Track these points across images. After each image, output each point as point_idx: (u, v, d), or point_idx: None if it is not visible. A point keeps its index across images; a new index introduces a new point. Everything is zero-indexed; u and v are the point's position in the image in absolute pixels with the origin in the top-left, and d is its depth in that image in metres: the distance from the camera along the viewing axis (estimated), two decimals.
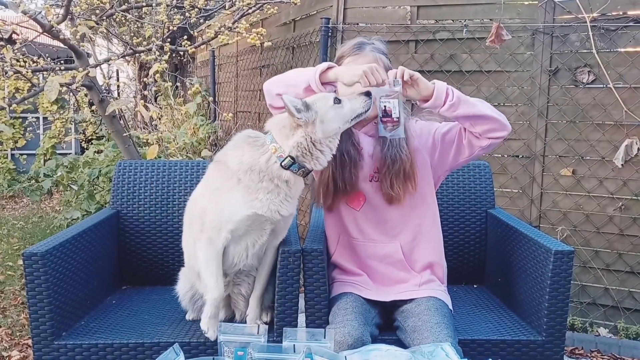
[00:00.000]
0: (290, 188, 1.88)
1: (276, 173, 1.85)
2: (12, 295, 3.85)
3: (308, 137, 1.82)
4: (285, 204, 1.88)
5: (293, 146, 1.83)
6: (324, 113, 1.83)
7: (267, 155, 1.85)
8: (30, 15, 3.36)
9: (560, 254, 1.93)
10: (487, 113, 1.93)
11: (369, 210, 2.06)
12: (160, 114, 5.79)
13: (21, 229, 5.85)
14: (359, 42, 2.05)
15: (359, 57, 2.01)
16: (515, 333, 2.02)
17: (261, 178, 1.85)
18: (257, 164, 1.85)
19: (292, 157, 1.83)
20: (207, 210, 1.91)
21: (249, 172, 1.85)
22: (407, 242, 2.05)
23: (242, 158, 1.86)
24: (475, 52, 3.55)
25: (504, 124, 1.96)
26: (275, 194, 1.86)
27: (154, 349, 1.91)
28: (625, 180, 3.25)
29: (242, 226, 1.88)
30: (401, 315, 1.97)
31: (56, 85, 2.91)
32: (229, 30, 3.99)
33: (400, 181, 2.00)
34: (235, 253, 1.94)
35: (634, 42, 3.22)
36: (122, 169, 2.55)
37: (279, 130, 1.86)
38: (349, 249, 2.09)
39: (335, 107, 1.85)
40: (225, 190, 1.88)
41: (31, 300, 1.90)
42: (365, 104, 1.87)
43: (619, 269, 3.29)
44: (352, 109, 1.87)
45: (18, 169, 8.04)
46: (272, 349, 1.43)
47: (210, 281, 1.91)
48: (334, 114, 1.85)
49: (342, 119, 1.86)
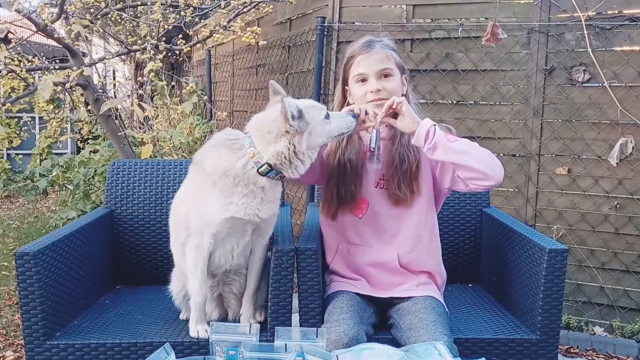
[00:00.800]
0: (265, 193, 1.85)
1: (252, 179, 1.82)
2: (7, 296, 3.84)
3: (292, 147, 1.78)
4: (263, 207, 1.86)
5: (273, 154, 1.79)
6: (314, 125, 1.81)
7: (244, 161, 1.81)
8: (24, 14, 3.34)
9: (554, 253, 1.92)
10: (469, 164, 1.85)
11: (370, 217, 2.05)
12: (156, 113, 5.78)
13: (17, 229, 5.84)
14: (369, 41, 2.03)
15: (370, 54, 1.99)
16: (509, 332, 2.01)
17: (236, 183, 1.82)
18: (233, 169, 1.81)
19: (269, 164, 1.80)
20: (191, 213, 1.90)
21: (224, 176, 1.82)
22: (404, 252, 2.04)
23: (218, 161, 1.83)
24: (471, 51, 3.55)
25: (490, 176, 1.86)
26: (251, 197, 1.84)
27: (147, 348, 1.90)
28: (620, 179, 3.25)
29: (223, 229, 1.87)
30: (397, 313, 1.97)
31: (50, 84, 2.90)
32: (224, 29, 3.98)
33: (407, 181, 2.00)
34: (221, 255, 1.94)
35: (629, 41, 3.22)
36: (116, 168, 2.54)
37: (261, 135, 1.81)
38: (347, 256, 2.08)
39: (324, 122, 1.84)
40: (203, 193, 1.87)
41: (23, 300, 1.89)
42: (349, 125, 1.88)
43: (614, 268, 3.29)
44: (338, 126, 1.87)
45: (14, 168, 8.02)
46: (264, 348, 1.42)
47: (194, 286, 1.92)
48: (322, 129, 1.84)
49: (327, 134, 1.86)
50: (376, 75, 1.98)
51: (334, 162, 2.05)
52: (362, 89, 1.99)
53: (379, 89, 1.96)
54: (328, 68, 3.91)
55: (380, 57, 1.98)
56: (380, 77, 1.98)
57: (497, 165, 1.90)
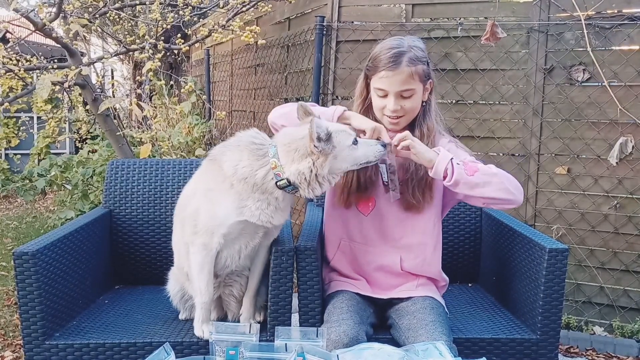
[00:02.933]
0: (279, 202, 1.85)
1: (270, 190, 1.81)
2: (5, 296, 3.83)
3: (314, 169, 1.76)
4: (276, 214, 1.86)
5: (294, 172, 1.76)
6: (340, 150, 1.78)
7: (265, 170, 1.79)
8: (22, 13, 3.33)
9: (554, 252, 1.92)
10: (491, 195, 1.87)
11: (376, 217, 2.04)
12: (154, 112, 5.77)
13: (15, 229, 5.83)
14: (396, 53, 1.91)
15: (395, 74, 1.90)
16: (509, 332, 2.01)
17: (254, 190, 1.81)
18: (253, 177, 1.79)
19: (289, 180, 1.78)
20: (201, 211, 1.87)
21: (243, 181, 1.80)
22: (407, 257, 2.03)
23: (239, 165, 1.80)
24: (470, 50, 3.54)
25: (511, 200, 1.90)
26: (265, 204, 1.82)
27: (146, 348, 1.89)
28: (620, 178, 3.24)
29: (235, 231, 1.86)
30: (396, 313, 1.96)
31: (48, 84, 2.89)
32: (223, 29, 3.97)
33: (421, 189, 1.98)
34: (228, 255, 1.92)
35: (628, 41, 3.22)
36: (114, 167, 2.53)
37: (288, 151, 1.78)
38: (349, 254, 2.07)
39: (352, 147, 1.81)
40: (218, 192, 1.84)
41: (22, 300, 1.89)
42: (378, 154, 1.84)
43: (614, 268, 3.28)
44: (366, 154, 1.83)
45: (12, 168, 8.00)
46: (264, 348, 1.42)
47: (201, 285, 1.90)
48: (348, 154, 1.80)
49: (353, 161, 1.82)
50: (396, 95, 1.93)
51: None
52: (382, 102, 1.96)
53: (397, 109, 1.94)
54: (327, 67, 3.90)
55: (403, 79, 1.91)
56: (399, 97, 1.94)
57: (517, 187, 1.92)
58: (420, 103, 1.99)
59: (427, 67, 1.97)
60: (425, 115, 2.01)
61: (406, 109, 1.95)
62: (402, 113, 1.95)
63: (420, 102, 1.99)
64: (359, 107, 2.05)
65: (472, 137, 3.55)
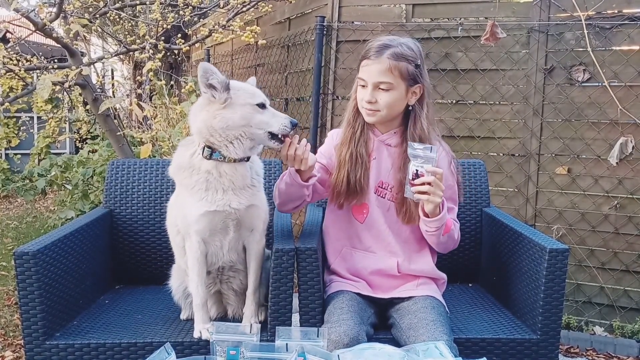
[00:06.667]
0: (223, 178, 1.86)
1: (197, 164, 1.87)
2: (6, 296, 3.83)
3: (209, 120, 1.81)
4: (234, 197, 1.88)
5: (195, 130, 1.84)
6: (236, 103, 1.81)
7: (192, 150, 1.88)
8: (22, 13, 3.33)
9: (555, 252, 1.92)
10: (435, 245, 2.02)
11: (371, 224, 2.05)
12: (155, 112, 5.76)
13: (15, 229, 5.83)
14: (382, 45, 1.93)
15: (374, 63, 1.91)
16: (510, 332, 2.01)
17: (190, 174, 1.88)
18: (183, 160, 1.89)
19: (207, 146, 1.84)
20: (177, 218, 1.98)
21: (180, 170, 1.90)
22: (404, 261, 2.04)
23: (174, 158, 1.93)
24: (470, 50, 3.55)
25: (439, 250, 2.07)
26: (213, 189, 1.86)
27: (146, 348, 1.89)
28: (620, 178, 3.25)
29: (203, 226, 1.89)
30: (397, 312, 1.97)
31: (48, 84, 2.89)
32: (223, 29, 3.97)
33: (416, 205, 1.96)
34: (212, 252, 1.96)
35: (629, 41, 3.22)
36: (114, 167, 2.53)
37: (194, 114, 1.87)
38: (350, 259, 2.08)
39: (254, 107, 1.83)
40: (181, 196, 1.95)
41: (23, 300, 1.88)
42: (282, 128, 1.84)
43: (614, 268, 3.29)
44: (269, 122, 1.84)
45: (12, 168, 8.00)
46: (265, 348, 1.42)
47: (192, 287, 1.96)
48: (247, 112, 1.82)
49: (251, 121, 1.83)
50: (373, 86, 1.93)
51: (346, 152, 2.02)
52: (362, 92, 1.98)
53: (372, 101, 1.94)
54: (327, 67, 3.90)
55: (382, 69, 1.90)
56: (376, 88, 1.94)
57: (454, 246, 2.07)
58: (400, 103, 1.97)
59: (415, 69, 1.94)
60: (415, 123, 1.98)
61: (381, 103, 1.94)
62: (377, 107, 1.95)
63: (402, 103, 1.97)
64: (354, 103, 2.06)
65: (472, 137, 3.56)
